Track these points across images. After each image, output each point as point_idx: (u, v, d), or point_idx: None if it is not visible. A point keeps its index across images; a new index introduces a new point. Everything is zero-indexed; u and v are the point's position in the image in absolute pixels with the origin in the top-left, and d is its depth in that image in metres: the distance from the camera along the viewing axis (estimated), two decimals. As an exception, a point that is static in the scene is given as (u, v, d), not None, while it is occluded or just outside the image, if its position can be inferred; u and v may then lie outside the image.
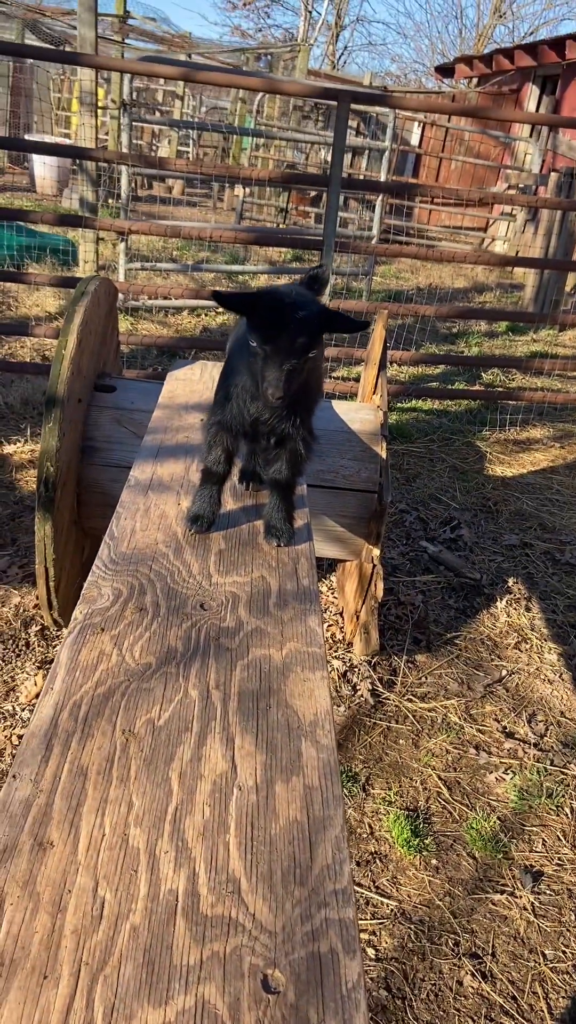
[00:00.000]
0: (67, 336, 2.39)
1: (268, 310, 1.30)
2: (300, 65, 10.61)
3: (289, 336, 1.28)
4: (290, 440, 1.58)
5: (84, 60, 4.23)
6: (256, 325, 1.31)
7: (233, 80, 4.60)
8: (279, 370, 1.29)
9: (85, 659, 1.28)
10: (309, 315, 1.30)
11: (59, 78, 14.09)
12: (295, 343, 1.29)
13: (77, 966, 0.82)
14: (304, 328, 1.29)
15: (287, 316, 1.29)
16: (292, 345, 1.29)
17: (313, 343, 1.32)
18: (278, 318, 1.29)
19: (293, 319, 1.29)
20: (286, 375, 1.30)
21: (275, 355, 1.29)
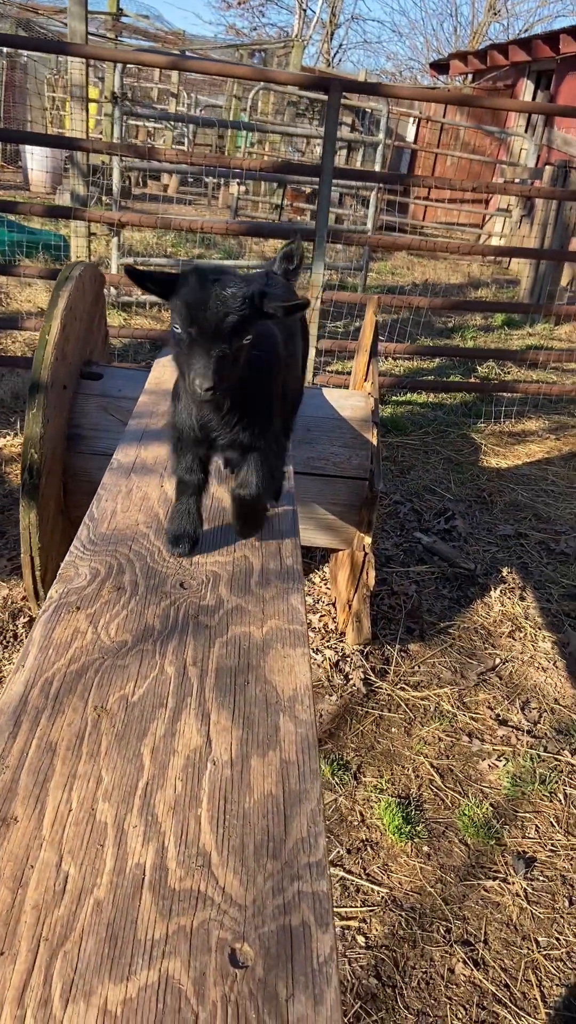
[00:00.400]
0: (50, 321, 2.36)
1: (190, 289, 1.12)
2: (294, 61, 10.58)
3: (216, 316, 1.10)
4: (253, 449, 1.41)
5: (72, 50, 4.20)
6: (178, 307, 1.13)
7: (224, 69, 4.57)
8: (206, 356, 1.11)
9: (59, 637, 1.25)
10: (239, 292, 1.13)
11: (54, 78, 14.07)
12: (224, 324, 1.11)
13: (36, 942, 0.79)
14: (233, 307, 1.11)
15: (212, 294, 1.11)
16: (220, 326, 1.10)
17: (246, 325, 1.14)
18: (202, 296, 1.11)
19: (220, 297, 1.11)
20: (215, 362, 1.11)
21: (201, 339, 1.11)
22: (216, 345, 1.11)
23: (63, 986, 0.75)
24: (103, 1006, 0.73)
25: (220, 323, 1.10)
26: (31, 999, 0.73)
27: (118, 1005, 0.74)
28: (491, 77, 14.27)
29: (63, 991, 0.75)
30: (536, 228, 8.13)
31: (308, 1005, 0.75)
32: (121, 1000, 0.74)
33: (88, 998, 0.74)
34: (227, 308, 1.11)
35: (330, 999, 0.76)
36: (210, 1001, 0.74)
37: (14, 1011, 0.72)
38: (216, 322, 1.10)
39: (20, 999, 0.73)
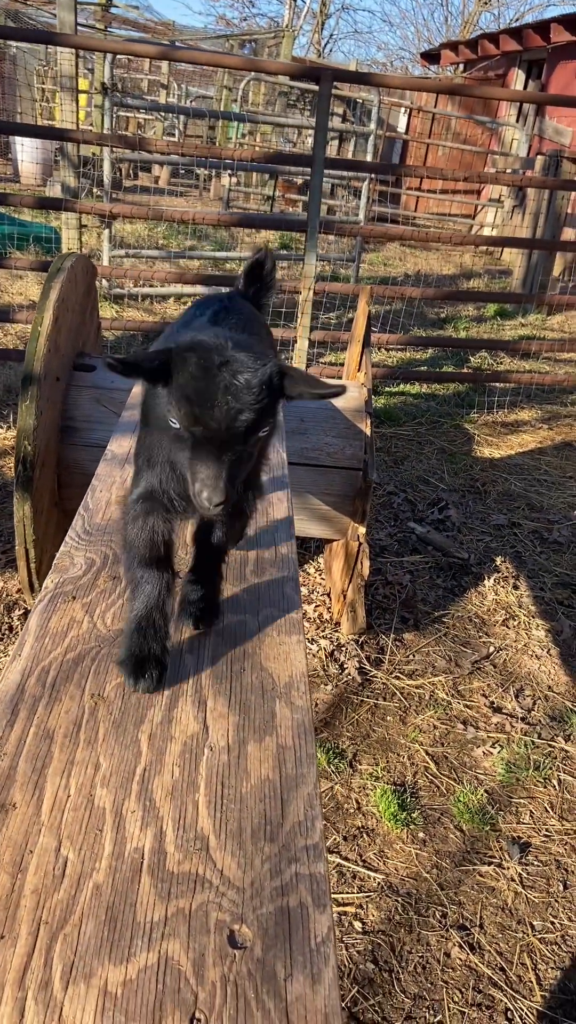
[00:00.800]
0: (43, 312, 2.35)
1: (191, 377, 0.88)
2: (284, 51, 10.53)
3: (229, 412, 0.87)
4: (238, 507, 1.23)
5: (61, 40, 4.18)
6: (177, 400, 0.89)
7: (214, 59, 4.55)
8: (217, 464, 0.88)
9: (55, 626, 1.26)
10: (254, 379, 0.89)
11: (43, 69, 13.97)
12: (238, 421, 0.87)
13: (36, 925, 0.79)
14: (248, 401, 0.88)
15: (221, 384, 0.87)
16: (234, 424, 0.87)
17: (266, 417, 0.91)
18: (208, 389, 0.87)
19: (231, 389, 0.87)
20: (228, 469, 0.89)
21: (210, 442, 0.88)
22: (228, 449, 0.89)
23: (63, 968, 0.76)
24: (103, 987, 0.74)
25: (233, 423, 0.87)
26: (32, 981, 0.74)
27: (118, 986, 0.74)
28: (482, 67, 14.23)
29: (63, 973, 0.75)
30: (528, 218, 8.12)
31: (306, 984, 0.76)
32: (121, 981, 0.75)
33: (88, 980, 0.75)
34: (241, 403, 0.87)
35: (328, 978, 0.77)
36: (209, 981, 0.75)
37: (15, 993, 0.73)
38: (229, 422, 0.87)
39: (21, 981, 0.74)
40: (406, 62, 29.10)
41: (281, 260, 7.67)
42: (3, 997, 0.72)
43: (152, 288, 6.36)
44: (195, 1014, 0.72)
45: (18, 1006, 0.72)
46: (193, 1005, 0.73)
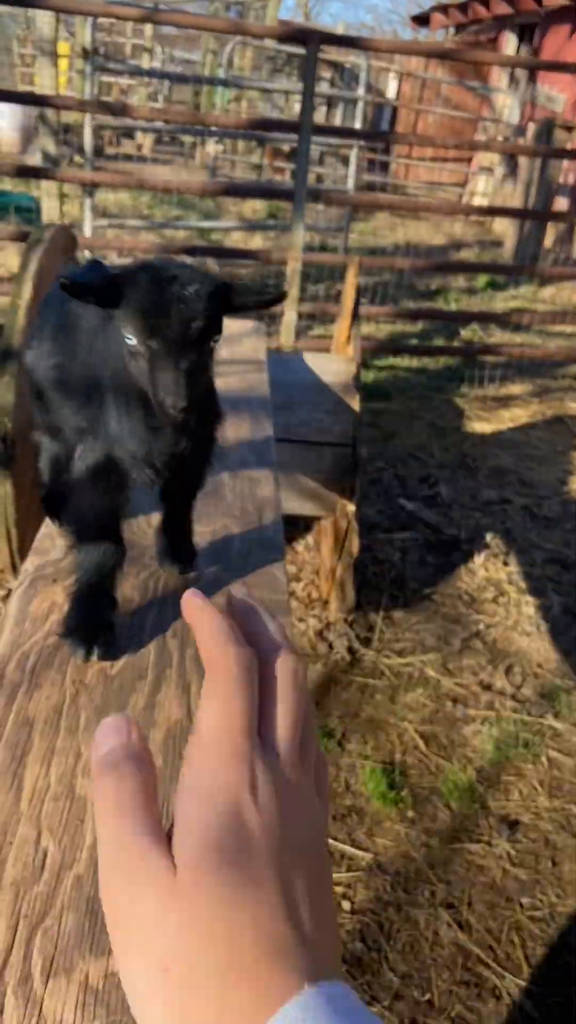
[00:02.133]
0: (22, 284, 2.29)
1: (143, 294, 0.94)
2: (270, 14, 10.29)
3: (182, 319, 0.94)
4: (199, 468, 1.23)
5: (40, 2, 4.05)
6: (130, 317, 0.95)
7: (199, 22, 4.42)
8: (176, 371, 0.94)
9: (35, 610, 1.22)
10: (203, 290, 0.96)
11: (23, 33, 13.61)
12: (191, 328, 0.94)
13: (16, 919, 0.77)
14: (199, 309, 0.94)
15: (172, 296, 0.94)
16: (188, 332, 0.94)
17: (215, 326, 0.98)
18: (159, 301, 0.94)
19: (182, 298, 0.94)
20: (186, 376, 0.95)
21: (168, 351, 0.94)
22: (184, 356, 0.94)
23: (43, 962, 0.74)
24: (84, 981, 0.72)
25: (187, 330, 0.94)
26: (11, 976, 0.72)
27: (100, 980, 0.72)
28: (473, 30, 13.97)
29: (43, 968, 0.73)
30: (520, 187, 8.02)
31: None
32: (103, 975, 0.73)
33: (69, 974, 0.73)
34: (193, 311, 0.94)
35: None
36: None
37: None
38: (182, 330, 0.94)
39: (0, 976, 0.72)
40: (395, 25, 28.55)
41: (268, 230, 7.56)
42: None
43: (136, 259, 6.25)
44: (178, 1012, 0.70)
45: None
46: (176, 1003, 0.71)
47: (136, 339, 0.95)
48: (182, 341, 0.94)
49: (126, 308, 0.96)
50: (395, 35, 24.65)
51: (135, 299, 0.95)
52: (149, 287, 0.94)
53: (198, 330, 0.95)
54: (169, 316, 0.93)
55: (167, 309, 0.94)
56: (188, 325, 0.94)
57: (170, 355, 0.94)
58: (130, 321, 0.95)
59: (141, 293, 0.95)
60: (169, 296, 0.94)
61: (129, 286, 0.96)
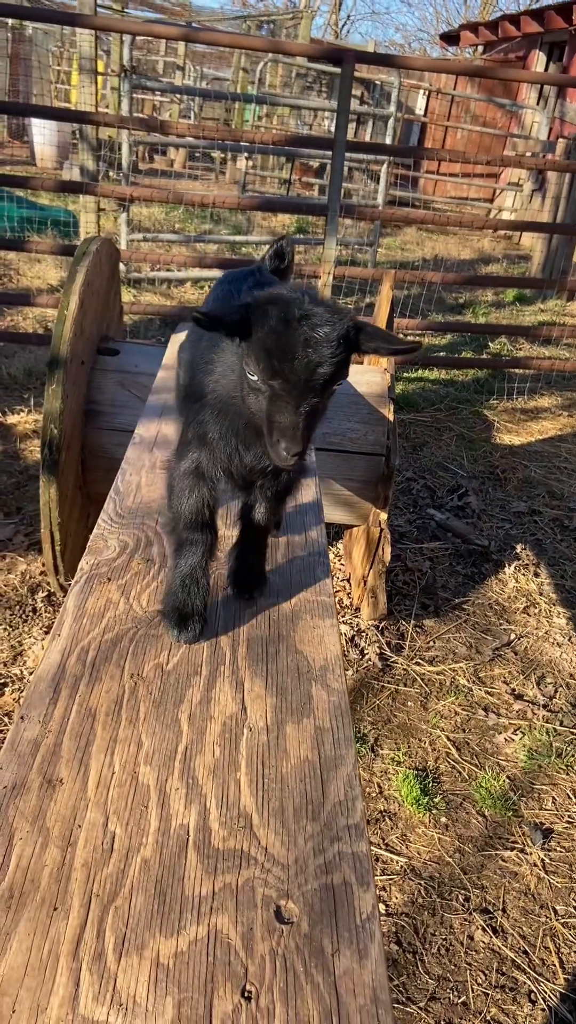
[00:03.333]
0: (69, 296, 2.35)
1: (271, 331, 0.91)
2: (302, 33, 10.43)
3: (308, 364, 0.90)
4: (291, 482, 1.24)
5: (82, 21, 4.15)
6: (257, 353, 0.92)
7: (236, 40, 4.51)
8: (294, 415, 0.91)
9: (92, 607, 1.27)
10: (333, 333, 0.91)
11: (59, 51, 13.89)
12: (316, 373, 0.90)
13: (87, 898, 0.81)
14: (327, 354, 0.90)
15: (300, 337, 0.90)
16: (312, 377, 0.90)
17: (341, 370, 0.94)
18: (287, 341, 0.90)
19: (311, 341, 0.90)
20: (304, 421, 0.92)
21: (289, 394, 0.91)
22: (305, 400, 0.91)
23: (116, 940, 0.77)
24: (155, 959, 0.76)
25: (311, 375, 0.90)
26: (86, 953, 0.76)
27: (170, 958, 0.76)
28: (502, 49, 14.03)
29: (116, 945, 0.77)
30: (548, 202, 8.04)
31: (353, 959, 0.77)
32: (172, 953, 0.76)
33: (141, 952, 0.76)
34: (320, 356, 0.90)
35: (374, 954, 0.78)
36: (258, 955, 0.77)
37: (70, 964, 0.74)
38: (307, 374, 0.90)
39: (75, 952, 0.75)
40: (424, 43, 28.71)
41: (298, 244, 7.63)
42: (59, 967, 0.74)
43: (169, 272, 6.35)
44: (246, 986, 0.74)
45: (73, 976, 0.73)
46: (243, 977, 0.74)
47: (258, 376, 0.93)
48: (305, 385, 0.90)
49: (252, 343, 0.93)
50: (424, 53, 24.79)
51: (262, 336, 0.92)
52: (277, 325, 0.91)
53: (324, 376, 0.91)
54: (295, 359, 0.90)
55: (294, 351, 0.90)
56: (314, 370, 0.90)
57: (291, 398, 0.91)
58: (254, 357, 0.93)
59: (268, 330, 0.91)
60: (297, 337, 0.90)
61: (258, 319, 0.93)
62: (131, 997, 0.72)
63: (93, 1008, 0.71)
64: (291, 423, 0.91)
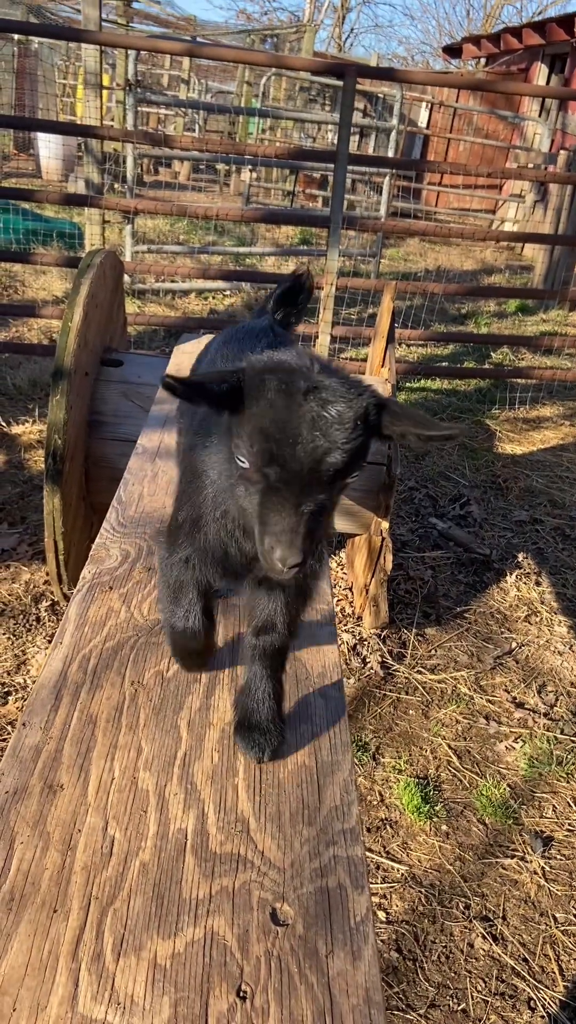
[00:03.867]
0: (73, 308, 2.39)
1: (269, 404, 0.71)
2: (306, 47, 10.52)
3: (314, 450, 0.70)
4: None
5: (88, 37, 4.21)
6: (250, 432, 0.73)
7: (240, 55, 4.56)
8: (294, 515, 0.71)
9: (94, 615, 1.29)
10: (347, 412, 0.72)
11: (64, 64, 14.03)
12: (324, 463, 0.71)
13: (87, 900, 0.83)
14: (339, 439, 0.71)
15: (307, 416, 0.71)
16: (319, 467, 0.71)
17: (356, 461, 0.74)
18: (290, 420, 0.70)
19: (319, 423, 0.71)
20: (307, 522, 0.72)
21: (288, 487, 0.71)
22: (309, 496, 0.72)
23: (114, 941, 0.79)
24: (153, 960, 0.77)
25: (319, 464, 0.70)
26: (85, 953, 0.77)
27: (167, 959, 0.78)
28: (504, 61, 14.12)
29: (114, 946, 0.78)
30: (550, 213, 8.08)
31: (347, 961, 0.79)
32: (170, 954, 0.78)
33: (139, 952, 0.78)
34: (331, 440, 0.70)
35: (368, 955, 0.79)
36: (254, 956, 0.78)
37: (69, 964, 0.76)
38: (313, 463, 0.70)
39: (74, 953, 0.77)
40: (427, 56, 28.94)
41: (302, 255, 7.68)
42: (58, 967, 0.75)
43: (174, 283, 6.40)
44: (241, 986, 0.75)
45: (72, 976, 0.75)
46: (239, 978, 0.76)
47: (250, 462, 0.73)
48: (309, 476, 0.70)
49: (244, 420, 0.73)
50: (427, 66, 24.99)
51: (257, 411, 0.72)
52: (277, 398, 0.71)
53: (333, 466, 0.71)
54: (298, 443, 0.70)
55: (297, 433, 0.70)
56: (322, 458, 0.70)
57: (290, 493, 0.71)
58: (246, 438, 0.73)
59: (265, 404, 0.71)
60: (303, 415, 0.70)
61: (252, 390, 0.73)
62: (129, 996, 0.74)
63: (92, 1007, 0.72)
64: (288, 525, 0.71)
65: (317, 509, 0.72)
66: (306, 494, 0.71)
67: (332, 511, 0.78)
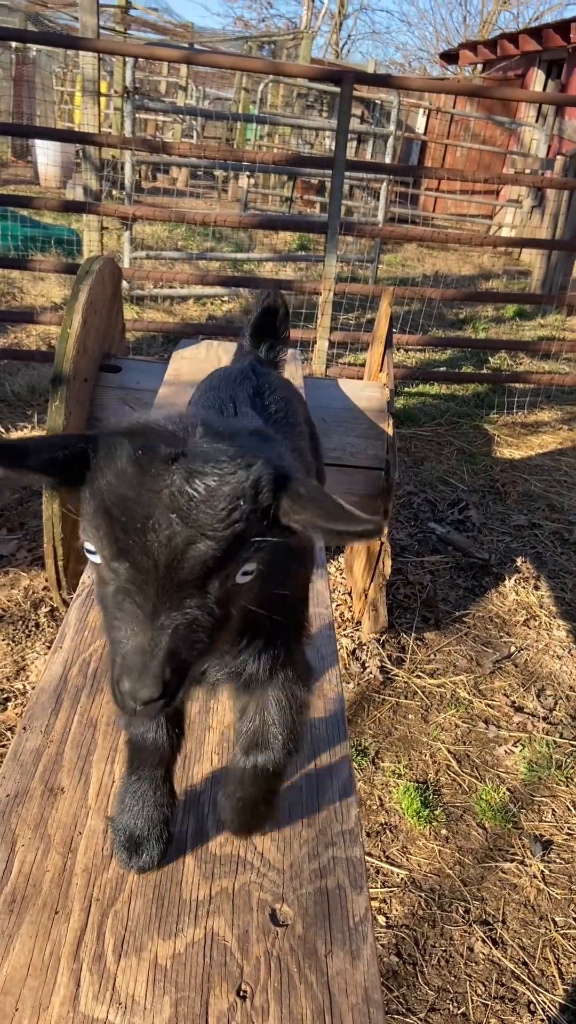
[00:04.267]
0: (72, 315, 2.40)
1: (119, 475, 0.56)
2: (303, 53, 10.57)
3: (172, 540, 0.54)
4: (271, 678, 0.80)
5: (85, 44, 4.23)
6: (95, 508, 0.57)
7: (237, 63, 4.59)
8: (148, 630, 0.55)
9: (93, 620, 1.29)
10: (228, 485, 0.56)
11: (62, 72, 14.09)
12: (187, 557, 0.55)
13: (88, 902, 0.83)
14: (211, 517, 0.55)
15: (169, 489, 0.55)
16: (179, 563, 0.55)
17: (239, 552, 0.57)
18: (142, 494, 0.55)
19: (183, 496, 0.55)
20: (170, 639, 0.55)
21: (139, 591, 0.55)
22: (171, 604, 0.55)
23: (115, 942, 0.80)
24: (154, 960, 0.78)
25: (179, 559, 0.54)
26: (86, 954, 0.78)
27: (168, 959, 0.78)
28: (501, 67, 14.19)
29: (115, 947, 0.79)
30: (548, 219, 8.11)
31: (346, 960, 0.79)
32: (170, 955, 0.79)
33: (139, 953, 0.79)
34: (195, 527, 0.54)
35: (367, 955, 0.80)
36: (254, 956, 0.79)
37: (71, 964, 0.77)
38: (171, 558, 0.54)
39: (76, 954, 0.78)
40: (424, 62, 29.08)
41: (300, 261, 7.71)
42: (60, 967, 0.76)
43: (172, 289, 6.42)
44: (241, 986, 0.76)
45: (74, 976, 0.76)
46: (239, 978, 0.76)
47: (98, 554, 0.57)
48: (169, 575, 0.54)
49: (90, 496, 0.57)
50: (424, 72, 25.12)
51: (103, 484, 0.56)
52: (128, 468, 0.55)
53: (201, 560, 0.54)
54: (148, 528, 0.54)
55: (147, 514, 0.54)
56: (183, 551, 0.54)
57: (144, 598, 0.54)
58: (91, 521, 0.57)
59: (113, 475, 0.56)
60: (158, 490, 0.54)
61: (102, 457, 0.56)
62: (130, 996, 0.74)
63: (93, 1007, 0.73)
64: (138, 645, 0.54)
65: (186, 622, 0.55)
66: (167, 600, 0.54)
67: (221, 621, 0.57)
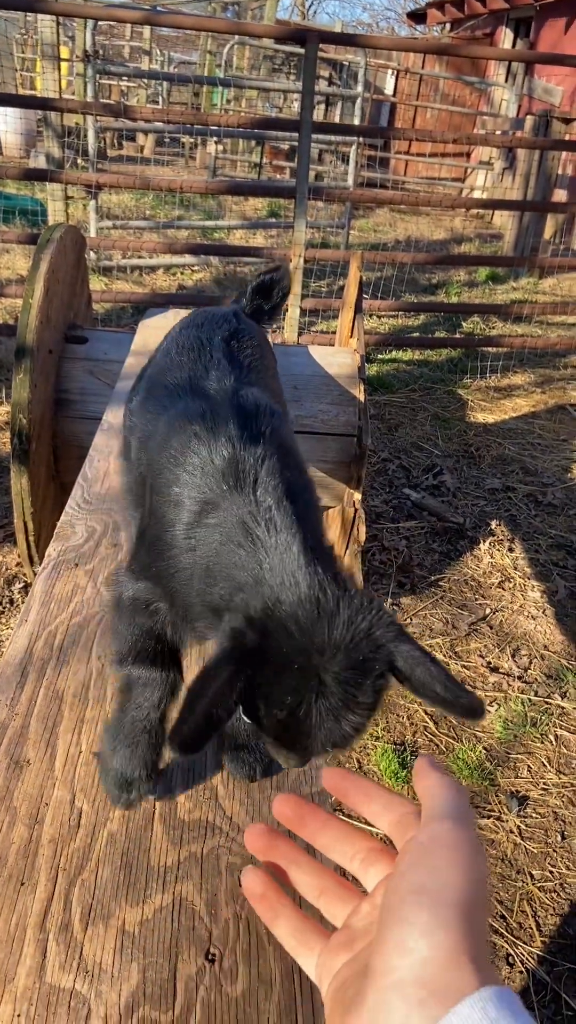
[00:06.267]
0: (33, 284, 2.34)
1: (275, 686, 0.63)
2: (268, 14, 10.32)
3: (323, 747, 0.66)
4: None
5: (42, 7, 4.10)
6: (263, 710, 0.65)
7: (199, 23, 4.47)
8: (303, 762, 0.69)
9: (60, 592, 1.28)
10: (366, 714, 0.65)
11: (22, 38, 13.67)
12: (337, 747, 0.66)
13: (55, 872, 0.82)
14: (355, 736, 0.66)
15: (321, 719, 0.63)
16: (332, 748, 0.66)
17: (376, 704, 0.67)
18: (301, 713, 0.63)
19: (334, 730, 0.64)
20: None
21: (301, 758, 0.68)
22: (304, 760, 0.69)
23: (82, 911, 0.79)
24: (121, 927, 0.78)
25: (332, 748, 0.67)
26: (52, 924, 0.77)
27: (135, 926, 0.78)
28: (469, 26, 13.96)
29: (83, 915, 0.78)
30: (519, 180, 8.05)
31: (315, 919, 0.79)
32: (138, 921, 0.78)
33: (107, 921, 0.78)
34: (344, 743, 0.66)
35: (336, 914, 0.80)
36: (222, 919, 0.79)
37: (37, 935, 0.76)
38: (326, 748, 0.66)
39: (42, 924, 0.77)
40: (392, 22, 28.53)
41: (270, 228, 7.60)
42: (26, 938, 0.75)
43: (141, 259, 6.31)
44: (210, 949, 0.76)
45: (40, 947, 0.75)
46: (208, 941, 0.76)
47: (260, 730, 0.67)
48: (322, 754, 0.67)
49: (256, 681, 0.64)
50: (392, 32, 24.66)
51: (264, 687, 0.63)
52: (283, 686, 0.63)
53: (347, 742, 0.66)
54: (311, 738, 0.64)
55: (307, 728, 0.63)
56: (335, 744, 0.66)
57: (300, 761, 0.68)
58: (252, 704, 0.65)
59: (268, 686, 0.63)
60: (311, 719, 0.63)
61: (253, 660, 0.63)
62: (97, 964, 0.74)
63: (60, 976, 0.72)
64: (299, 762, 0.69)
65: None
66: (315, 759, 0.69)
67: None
